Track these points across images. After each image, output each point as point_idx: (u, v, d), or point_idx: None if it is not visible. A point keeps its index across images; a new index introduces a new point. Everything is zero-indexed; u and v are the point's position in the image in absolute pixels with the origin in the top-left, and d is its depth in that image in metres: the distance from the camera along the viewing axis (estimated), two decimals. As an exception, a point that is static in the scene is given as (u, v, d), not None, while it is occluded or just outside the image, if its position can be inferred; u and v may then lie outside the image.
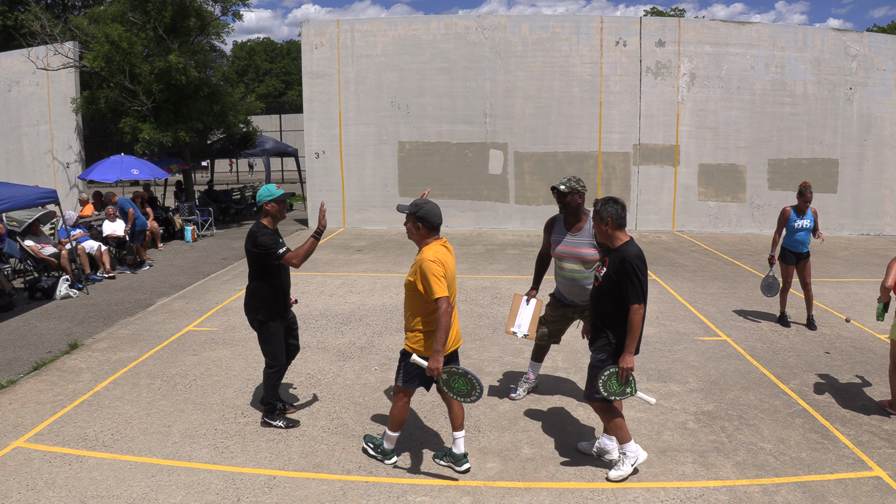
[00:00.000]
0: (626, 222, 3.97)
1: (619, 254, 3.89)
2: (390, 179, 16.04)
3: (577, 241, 4.80)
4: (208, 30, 16.44)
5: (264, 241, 4.53)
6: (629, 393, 3.95)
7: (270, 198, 4.64)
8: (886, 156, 15.41)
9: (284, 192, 4.75)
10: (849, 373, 6.02)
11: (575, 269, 4.84)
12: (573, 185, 4.75)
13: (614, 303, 3.92)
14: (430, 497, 3.92)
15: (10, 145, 17.68)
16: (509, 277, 10.18)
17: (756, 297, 8.93)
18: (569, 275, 4.88)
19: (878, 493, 3.92)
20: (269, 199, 4.65)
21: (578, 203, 4.79)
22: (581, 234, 4.79)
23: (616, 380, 3.93)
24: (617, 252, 3.91)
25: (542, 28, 15.46)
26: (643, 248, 4.12)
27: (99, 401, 5.39)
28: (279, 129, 34.18)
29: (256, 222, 4.68)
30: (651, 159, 15.61)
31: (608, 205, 3.95)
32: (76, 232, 10.62)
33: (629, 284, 3.82)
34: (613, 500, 3.88)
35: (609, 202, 3.97)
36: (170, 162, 16.16)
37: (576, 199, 4.76)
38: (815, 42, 15.17)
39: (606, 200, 3.99)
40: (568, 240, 4.85)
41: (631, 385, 3.95)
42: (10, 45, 21.57)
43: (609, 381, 3.94)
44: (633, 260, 3.82)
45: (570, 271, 4.87)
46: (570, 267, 4.86)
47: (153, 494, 3.94)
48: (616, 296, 3.90)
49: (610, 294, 3.94)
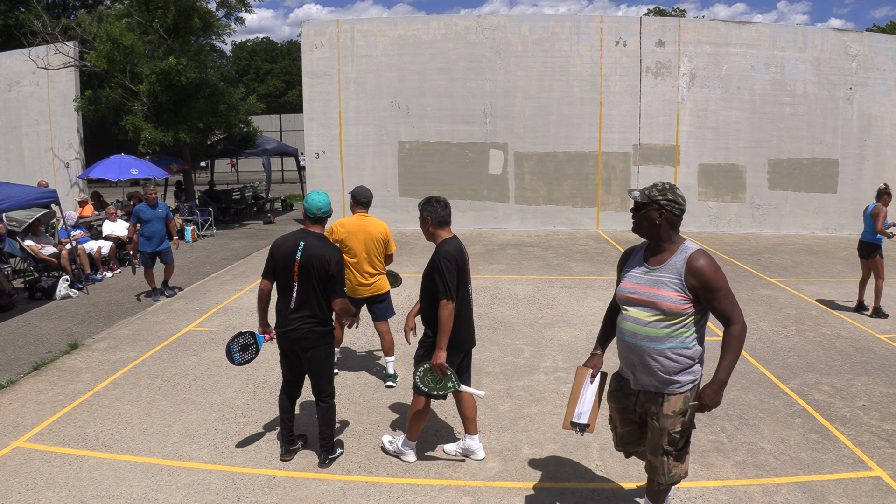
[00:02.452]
0: (449, 220, 4.11)
1: (435, 251, 4.02)
2: (390, 179, 16.04)
3: (652, 279, 3.05)
4: (210, 31, 16.45)
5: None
6: (450, 387, 4.01)
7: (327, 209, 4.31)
8: (886, 156, 15.41)
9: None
10: (849, 373, 6.02)
11: (640, 321, 3.07)
12: (653, 194, 3.04)
13: (431, 299, 3.98)
14: (430, 497, 3.92)
15: (10, 145, 17.69)
16: (509, 277, 10.18)
17: (756, 297, 8.93)
18: (630, 329, 3.12)
19: (878, 493, 3.92)
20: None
21: (658, 223, 3.03)
22: (661, 270, 3.04)
23: (431, 375, 4.00)
24: (435, 250, 4.04)
25: (542, 28, 15.46)
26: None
27: (99, 401, 5.39)
28: (279, 129, 34.19)
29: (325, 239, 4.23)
30: (651, 159, 15.61)
31: (428, 206, 4.07)
32: (76, 232, 10.63)
33: (437, 280, 3.90)
34: (613, 500, 3.88)
35: (430, 203, 4.08)
36: (170, 162, 16.17)
37: (653, 216, 3.03)
38: (815, 42, 15.17)
39: (427, 201, 4.10)
40: (638, 275, 3.12)
41: (451, 380, 3.99)
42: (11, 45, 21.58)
43: (425, 377, 4.02)
44: (440, 256, 3.92)
45: (632, 323, 3.10)
46: (636, 315, 3.09)
47: (153, 494, 3.94)
48: (431, 292, 3.97)
49: (426, 290, 4.04)
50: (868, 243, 7.96)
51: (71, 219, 10.83)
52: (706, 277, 2.89)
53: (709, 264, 2.91)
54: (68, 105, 16.54)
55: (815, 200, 15.54)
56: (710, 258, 2.93)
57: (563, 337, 7.09)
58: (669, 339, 2.99)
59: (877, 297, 7.91)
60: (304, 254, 4.07)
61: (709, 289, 2.90)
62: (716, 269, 2.91)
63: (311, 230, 4.20)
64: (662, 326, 2.98)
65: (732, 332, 2.91)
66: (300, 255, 4.07)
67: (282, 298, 4.19)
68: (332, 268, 4.06)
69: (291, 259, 4.09)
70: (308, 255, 4.06)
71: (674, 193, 3.00)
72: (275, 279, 4.20)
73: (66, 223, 10.37)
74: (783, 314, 8.06)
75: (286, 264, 4.11)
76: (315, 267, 4.06)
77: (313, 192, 4.34)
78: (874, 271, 7.96)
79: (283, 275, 4.14)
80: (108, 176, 13.30)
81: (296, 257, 4.08)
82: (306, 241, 4.11)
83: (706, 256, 2.93)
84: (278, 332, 4.20)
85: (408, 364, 6.07)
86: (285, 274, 4.13)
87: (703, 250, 2.97)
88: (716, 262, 2.93)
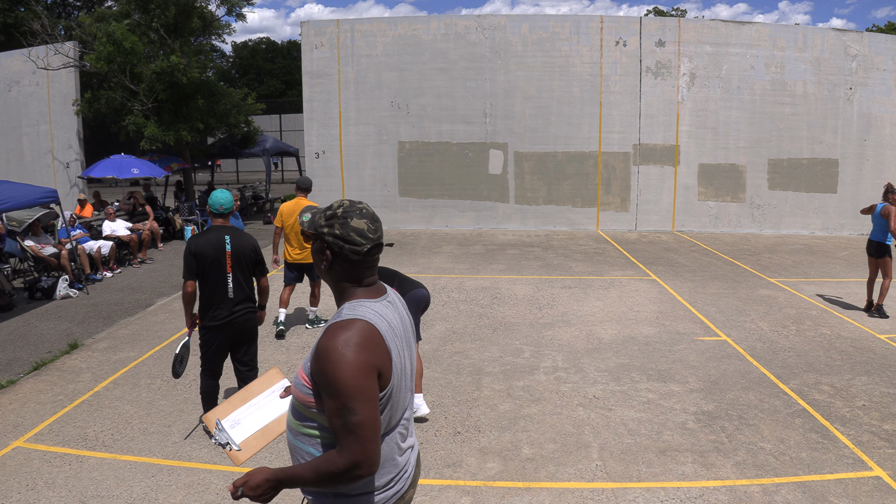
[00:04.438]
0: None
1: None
2: (390, 179, 16.04)
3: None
4: (210, 30, 16.45)
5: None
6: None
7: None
8: (886, 156, 15.41)
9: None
10: (849, 373, 6.02)
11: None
12: (318, 222, 1.98)
13: None
14: (430, 497, 3.92)
15: (10, 145, 17.68)
16: (509, 277, 10.18)
17: (756, 297, 8.93)
18: None
19: (878, 493, 3.92)
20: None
21: (323, 266, 1.99)
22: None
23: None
24: None
25: (541, 28, 15.46)
26: (643, 249, 4.14)
27: (99, 401, 5.39)
28: (279, 129, 34.18)
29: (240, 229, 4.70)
30: (651, 159, 15.60)
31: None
32: (76, 232, 10.63)
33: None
34: (613, 499, 3.88)
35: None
36: (170, 161, 16.17)
37: (319, 256, 1.98)
38: (815, 42, 15.17)
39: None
40: None
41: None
42: (11, 45, 21.57)
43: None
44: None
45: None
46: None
47: (153, 494, 3.94)
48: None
49: None
50: (879, 243, 7.96)
51: (65, 219, 10.82)
52: (321, 366, 1.74)
53: (331, 347, 1.72)
54: (68, 105, 16.53)
55: (815, 200, 15.54)
56: (342, 339, 1.73)
57: (563, 337, 7.09)
58: (301, 436, 1.90)
59: (881, 296, 7.91)
60: (233, 246, 4.43)
61: (322, 384, 1.75)
62: (338, 360, 1.69)
63: (223, 225, 4.53)
64: (295, 417, 1.93)
65: (332, 457, 1.73)
66: (230, 248, 4.41)
67: (215, 292, 4.42)
68: (258, 252, 4.59)
69: (222, 253, 4.40)
70: (237, 246, 4.44)
71: (345, 225, 1.87)
72: (199, 278, 4.42)
73: (66, 223, 10.36)
74: (783, 314, 8.06)
75: (217, 260, 4.39)
76: (245, 255, 4.47)
77: (217, 190, 4.65)
78: (882, 270, 7.97)
79: (213, 270, 4.39)
80: (108, 174, 13.30)
81: (226, 250, 4.40)
82: (230, 235, 4.45)
83: (341, 334, 1.74)
84: (219, 324, 4.44)
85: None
86: (216, 269, 4.39)
87: (354, 322, 1.77)
88: (354, 349, 1.71)
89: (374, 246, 1.93)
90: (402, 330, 1.95)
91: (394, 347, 1.85)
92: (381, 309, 1.89)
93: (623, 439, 4.66)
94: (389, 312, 1.91)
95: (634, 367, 6.15)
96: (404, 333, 1.96)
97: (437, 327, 7.45)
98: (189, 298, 4.47)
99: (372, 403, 1.72)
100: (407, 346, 1.96)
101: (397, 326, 1.92)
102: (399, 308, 2.01)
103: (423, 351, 6.58)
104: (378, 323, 1.82)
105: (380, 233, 1.96)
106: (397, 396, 1.87)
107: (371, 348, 1.76)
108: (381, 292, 1.96)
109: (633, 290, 9.33)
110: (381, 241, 1.96)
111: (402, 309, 2.04)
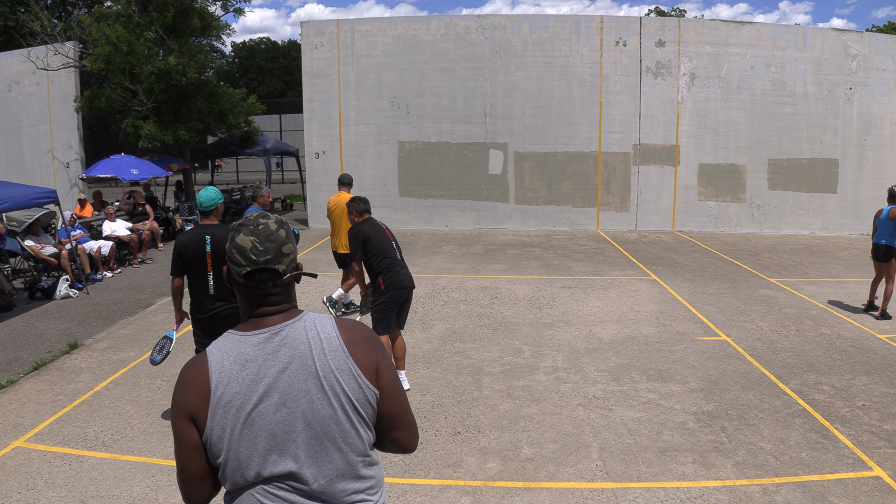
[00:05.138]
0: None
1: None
2: (390, 179, 16.04)
3: None
4: (209, 30, 16.45)
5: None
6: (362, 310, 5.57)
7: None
8: (886, 156, 15.41)
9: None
10: (849, 373, 6.02)
11: None
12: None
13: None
14: (430, 497, 3.92)
15: (10, 145, 17.68)
16: (509, 277, 10.18)
17: (756, 297, 8.93)
18: None
19: (878, 493, 3.92)
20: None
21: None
22: None
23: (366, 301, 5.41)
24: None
25: (541, 28, 15.45)
26: (643, 249, 4.14)
27: (99, 401, 5.39)
28: (279, 129, 34.18)
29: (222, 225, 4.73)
30: (651, 159, 15.60)
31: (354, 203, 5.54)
32: (76, 232, 10.63)
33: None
34: (613, 499, 3.88)
35: (355, 201, 5.55)
36: (170, 161, 16.17)
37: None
38: (815, 42, 15.17)
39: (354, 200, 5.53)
40: None
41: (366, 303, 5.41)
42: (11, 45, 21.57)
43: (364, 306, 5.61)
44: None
45: None
46: None
47: (153, 494, 3.94)
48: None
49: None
50: (888, 247, 7.88)
51: (65, 219, 10.82)
52: None
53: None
54: (68, 105, 16.53)
55: (815, 200, 15.54)
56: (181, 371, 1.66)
57: (563, 337, 7.09)
58: None
59: (885, 300, 7.88)
60: (213, 245, 4.48)
61: None
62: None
63: (209, 223, 4.59)
64: None
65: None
66: (210, 248, 4.47)
67: (198, 289, 4.55)
68: None
69: (202, 252, 4.47)
70: (218, 245, 4.48)
71: (231, 240, 1.67)
72: (184, 274, 4.57)
73: (66, 223, 10.36)
74: (783, 314, 8.06)
75: (198, 258, 4.48)
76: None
77: (203, 188, 4.74)
78: (887, 274, 7.92)
79: (195, 268, 4.49)
80: (107, 173, 13.30)
81: (206, 250, 4.46)
82: (211, 234, 4.50)
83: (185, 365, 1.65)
84: (201, 318, 4.57)
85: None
86: (198, 267, 4.48)
87: (196, 357, 1.67)
88: (176, 386, 1.62)
89: (260, 271, 1.60)
90: (281, 378, 1.56)
91: (230, 393, 1.54)
92: (242, 347, 1.58)
93: (623, 439, 4.66)
94: (258, 353, 1.57)
95: (634, 367, 6.15)
96: (290, 382, 1.56)
97: (437, 327, 7.45)
98: (174, 293, 4.71)
99: (179, 444, 1.58)
100: (303, 395, 1.56)
101: (265, 372, 1.56)
102: (303, 351, 1.59)
103: (423, 350, 6.60)
104: (214, 363, 1.57)
105: (269, 256, 1.60)
106: (237, 449, 1.54)
107: (189, 389, 1.57)
108: (271, 324, 1.61)
109: (633, 290, 9.33)
110: (269, 265, 1.60)
111: (317, 352, 1.59)
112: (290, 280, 1.68)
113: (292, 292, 1.72)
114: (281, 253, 1.63)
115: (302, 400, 1.57)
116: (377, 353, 1.70)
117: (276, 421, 1.56)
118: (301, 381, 1.57)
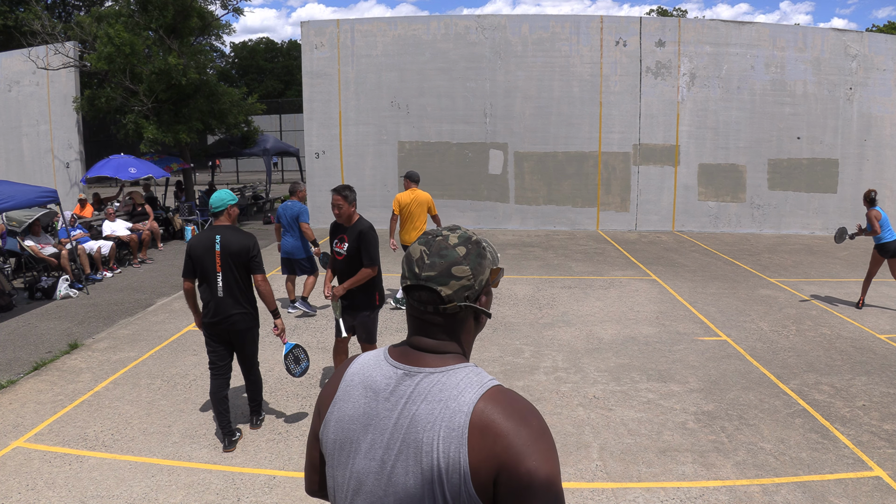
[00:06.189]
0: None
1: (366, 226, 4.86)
2: (390, 179, 16.03)
3: None
4: (209, 30, 16.45)
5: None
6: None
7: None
8: (886, 156, 15.41)
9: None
10: (849, 373, 6.02)
11: None
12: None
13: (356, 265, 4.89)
14: (430, 497, 3.91)
15: (10, 145, 17.68)
16: (509, 277, 10.17)
17: (756, 297, 8.93)
18: None
19: (878, 493, 3.92)
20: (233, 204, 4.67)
21: None
22: None
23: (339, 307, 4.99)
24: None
25: (542, 28, 15.45)
26: (643, 249, 4.14)
27: (99, 401, 5.39)
28: (279, 129, 34.18)
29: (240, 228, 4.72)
30: (651, 159, 15.60)
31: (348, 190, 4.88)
32: (76, 232, 10.63)
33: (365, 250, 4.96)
34: (613, 499, 3.88)
35: (351, 190, 4.91)
36: (170, 161, 16.16)
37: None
38: (816, 42, 15.17)
39: (350, 189, 4.90)
40: None
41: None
42: (11, 45, 21.57)
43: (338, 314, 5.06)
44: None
45: None
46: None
47: (153, 494, 3.94)
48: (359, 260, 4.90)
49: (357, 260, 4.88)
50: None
51: (65, 219, 10.82)
52: None
53: None
54: (68, 105, 16.53)
55: (815, 200, 15.54)
56: None
57: (563, 337, 7.09)
58: None
59: None
60: (222, 246, 4.44)
61: None
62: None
63: (220, 224, 4.57)
64: None
65: None
66: (219, 248, 4.44)
67: (206, 290, 4.51)
68: (252, 250, 4.51)
69: (211, 254, 4.45)
70: (227, 246, 4.45)
71: (408, 247, 1.61)
72: (195, 276, 4.53)
73: (66, 223, 10.36)
74: (783, 314, 8.06)
75: (206, 260, 4.45)
76: (234, 254, 4.45)
77: (216, 191, 4.77)
78: (892, 271, 8.18)
79: (204, 270, 4.46)
80: (106, 173, 13.31)
81: (215, 250, 4.44)
82: (221, 234, 4.47)
83: None
84: (211, 322, 4.50)
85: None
86: (206, 268, 4.45)
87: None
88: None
89: (420, 288, 1.38)
90: (393, 435, 1.32)
91: (345, 414, 1.40)
92: (377, 371, 1.41)
93: (623, 439, 4.66)
94: (382, 388, 1.38)
95: (634, 367, 6.15)
96: (395, 441, 1.31)
97: (437, 327, 7.43)
98: (187, 296, 4.64)
99: (311, 427, 1.54)
100: (400, 464, 1.30)
101: (380, 416, 1.35)
102: (423, 416, 1.30)
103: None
104: (350, 372, 1.46)
105: (432, 273, 1.36)
106: (333, 471, 1.43)
107: (329, 382, 1.50)
108: (416, 362, 1.39)
109: (633, 290, 9.33)
110: (430, 283, 1.36)
111: (436, 422, 1.28)
112: (457, 312, 1.37)
113: (463, 334, 1.42)
114: (449, 273, 1.35)
115: (399, 470, 1.30)
116: (510, 454, 1.23)
117: (363, 470, 1.35)
118: (405, 446, 1.30)
